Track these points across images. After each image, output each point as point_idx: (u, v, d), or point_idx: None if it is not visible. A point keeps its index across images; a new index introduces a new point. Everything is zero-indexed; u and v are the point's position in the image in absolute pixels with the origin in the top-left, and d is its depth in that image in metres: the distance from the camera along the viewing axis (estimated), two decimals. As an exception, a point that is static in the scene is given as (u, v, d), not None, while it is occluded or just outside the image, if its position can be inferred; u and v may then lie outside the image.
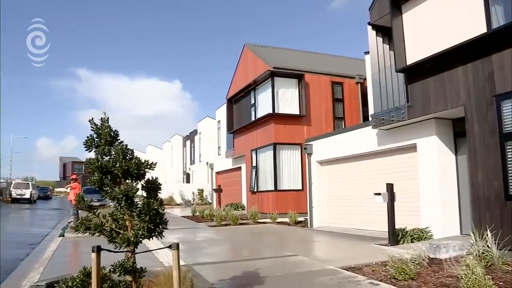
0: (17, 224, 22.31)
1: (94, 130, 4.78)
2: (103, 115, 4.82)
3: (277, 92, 20.55)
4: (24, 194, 44.31)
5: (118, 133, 4.84)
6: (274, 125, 20.21)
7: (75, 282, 4.32)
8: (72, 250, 11.65)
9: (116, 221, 4.69)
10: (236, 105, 25.74)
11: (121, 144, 4.75)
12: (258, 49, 23.46)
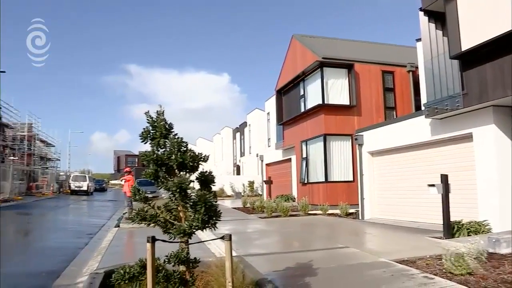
0: (76, 215, 23.35)
1: (150, 122, 4.89)
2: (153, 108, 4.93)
3: (327, 82, 20.34)
4: (81, 186, 46.24)
5: (173, 126, 4.93)
6: (324, 116, 20.04)
7: (132, 270, 4.48)
8: (127, 240, 12.06)
9: (170, 212, 4.81)
10: (285, 97, 25.69)
11: (176, 137, 4.84)
12: (306, 40, 23.26)
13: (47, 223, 18.73)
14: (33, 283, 6.97)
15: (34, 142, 50.96)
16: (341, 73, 20.59)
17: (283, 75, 25.45)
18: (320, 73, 20.34)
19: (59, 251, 10.51)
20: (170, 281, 4.52)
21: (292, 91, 24.43)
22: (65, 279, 7.13)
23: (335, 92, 20.43)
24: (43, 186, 45.27)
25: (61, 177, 55.64)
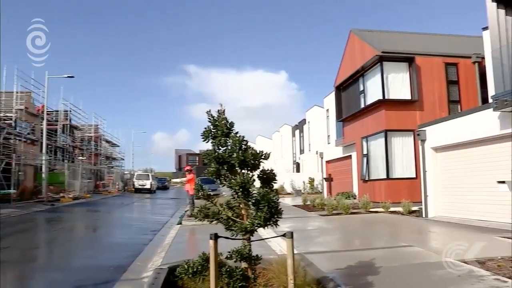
0: (140, 212, 24.18)
1: (211, 122, 4.97)
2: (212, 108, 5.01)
3: (387, 77, 19.86)
4: (145, 184, 47.78)
5: (234, 124, 4.98)
6: (385, 111, 19.59)
7: (195, 265, 4.58)
8: (190, 237, 12.33)
9: (232, 210, 4.88)
10: (344, 93, 25.33)
11: (237, 135, 4.89)
12: (365, 34, 22.81)
13: (114, 220, 19.53)
14: (103, 277, 7.28)
15: (100, 142, 53.30)
16: (402, 67, 20.02)
17: (341, 71, 25.09)
18: (379, 67, 19.89)
19: (125, 246, 10.94)
20: (233, 277, 4.58)
21: (351, 87, 24.05)
22: (131, 274, 7.41)
23: (395, 86, 19.90)
24: (109, 184, 47.26)
25: (126, 176, 57.80)
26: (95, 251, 10.68)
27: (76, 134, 46.43)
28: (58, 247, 11.54)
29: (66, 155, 40.66)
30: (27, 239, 12.98)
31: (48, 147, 33.57)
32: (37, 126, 34.47)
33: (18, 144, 30.67)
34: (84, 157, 45.68)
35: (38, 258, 10.15)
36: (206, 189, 4.91)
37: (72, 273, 7.92)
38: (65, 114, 40.94)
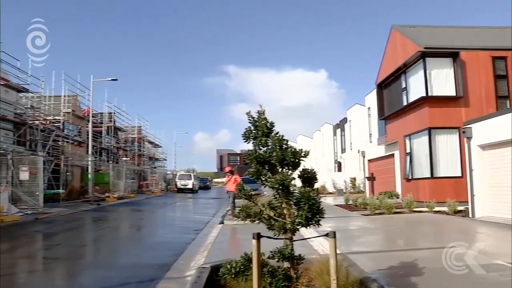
0: (183, 212, 24.57)
1: (251, 122, 5.00)
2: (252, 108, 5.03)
3: (430, 73, 19.39)
4: (187, 184, 48.44)
5: (274, 125, 5.00)
6: (428, 108, 19.13)
7: (238, 265, 4.62)
8: (232, 236, 12.42)
9: (274, 209, 4.88)
10: (386, 90, 24.91)
11: (277, 135, 4.90)
12: (406, 30, 22.34)
13: (157, 219, 19.92)
14: (147, 275, 7.44)
15: (143, 143, 54.48)
16: (445, 63, 19.49)
17: (383, 68, 24.68)
18: (422, 64, 19.45)
19: (169, 245, 11.14)
20: (275, 276, 4.59)
21: (393, 84, 23.62)
22: (175, 272, 7.54)
23: (439, 83, 19.39)
24: (152, 184, 48.20)
25: (168, 176, 58.79)
26: (139, 250, 10.94)
27: (120, 136, 47.63)
28: (105, 245, 11.89)
29: (110, 156, 41.77)
30: (75, 237, 13.43)
31: (94, 149, 34.58)
32: (83, 128, 35.60)
33: (66, 145, 31.79)
34: (128, 158, 46.79)
35: (86, 256, 10.49)
36: (248, 189, 4.94)
37: (118, 271, 8.14)
38: (109, 116, 42.08)
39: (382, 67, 24.87)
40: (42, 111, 30.66)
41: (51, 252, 10.69)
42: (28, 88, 27.42)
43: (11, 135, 25.78)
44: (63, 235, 13.51)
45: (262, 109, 5.01)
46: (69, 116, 33.53)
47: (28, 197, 19.56)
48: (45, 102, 31.54)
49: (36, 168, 20.22)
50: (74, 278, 7.98)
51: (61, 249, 11.01)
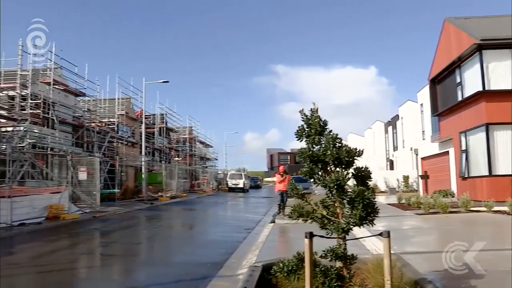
0: (234, 211, 24.79)
1: (304, 120, 4.98)
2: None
3: (487, 66, 18.58)
4: (238, 184, 48.86)
5: (327, 123, 4.95)
6: (485, 103, 18.35)
7: (290, 264, 4.61)
8: (283, 235, 12.41)
9: (326, 208, 4.84)
10: (439, 86, 24.12)
11: (331, 133, 4.85)
12: (461, 22, 21.51)
13: (209, 218, 20.21)
14: (200, 272, 7.57)
15: (194, 143, 55.47)
16: (504, 55, 18.61)
17: (436, 62, 23.92)
18: (478, 57, 18.67)
19: (220, 244, 11.28)
20: (328, 276, 4.54)
21: (447, 79, 22.83)
22: (227, 270, 7.62)
23: (497, 76, 18.54)
24: (203, 184, 48.93)
25: (219, 175, 59.49)
26: (192, 248, 11.14)
27: (172, 136, 48.71)
28: (158, 243, 12.18)
29: (163, 156, 42.77)
30: (130, 235, 13.86)
31: (147, 149, 35.51)
32: (137, 129, 36.69)
33: (120, 146, 32.86)
34: (179, 158, 47.75)
35: (141, 253, 10.79)
36: (300, 188, 4.91)
37: (172, 268, 8.33)
38: (161, 117, 43.09)
39: (435, 62, 24.10)
40: (98, 114, 31.89)
41: (108, 249, 11.08)
42: (85, 92, 28.62)
43: (70, 137, 26.93)
44: (119, 233, 13.96)
45: (315, 107, 4.97)
46: (123, 118, 34.69)
47: (86, 196, 20.35)
48: (100, 105, 32.80)
49: (93, 169, 20.99)
50: (130, 274, 8.24)
51: (117, 246, 11.38)
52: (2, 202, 13.80)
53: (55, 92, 24.99)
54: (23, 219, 14.30)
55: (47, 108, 23.96)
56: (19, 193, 15.49)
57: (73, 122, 27.60)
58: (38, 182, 19.55)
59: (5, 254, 10.08)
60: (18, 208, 14.27)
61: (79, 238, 12.93)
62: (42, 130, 23.18)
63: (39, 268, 8.47)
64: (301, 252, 4.57)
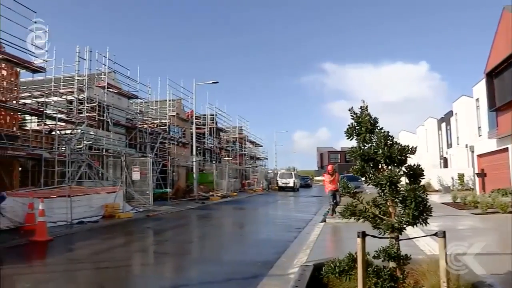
0: (284, 210, 24.75)
1: (354, 118, 4.90)
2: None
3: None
4: (288, 183, 48.74)
5: (377, 120, 4.85)
6: (548, 97, 17.45)
7: (342, 264, 4.54)
8: (334, 235, 12.27)
9: (378, 207, 4.74)
10: (497, 79, 23.12)
11: (382, 131, 4.76)
12: (521, 11, 20.53)
13: (259, 217, 20.28)
14: (251, 271, 7.60)
15: (244, 143, 55.89)
16: None
17: (493, 55, 22.95)
18: (540, 48, 17.80)
19: (271, 243, 11.29)
20: (380, 277, 4.45)
21: (505, 72, 21.84)
22: (278, 270, 7.61)
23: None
24: (253, 183, 49.21)
25: (269, 174, 59.60)
26: (243, 247, 11.22)
27: (222, 136, 49.27)
28: (210, 242, 12.34)
29: (213, 156, 43.35)
30: (182, 234, 14.11)
31: (197, 149, 36.05)
32: (187, 130, 37.38)
33: (171, 147, 33.57)
34: (230, 157, 48.25)
35: (193, 251, 10.97)
36: (352, 187, 4.84)
37: (223, 266, 8.42)
38: (211, 117, 43.65)
39: (491, 54, 23.13)
40: (150, 115, 32.77)
41: (161, 247, 11.34)
42: (137, 94, 29.46)
43: (124, 138, 27.80)
44: (171, 232, 14.25)
45: (365, 104, 4.88)
46: (174, 119, 35.44)
47: (139, 195, 20.93)
48: (152, 106, 33.67)
49: (146, 169, 21.55)
50: (182, 272, 8.39)
51: (169, 245, 11.63)
52: (63, 201, 14.44)
53: (109, 95, 25.88)
54: (82, 218, 14.92)
55: (102, 111, 24.87)
56: (78, 192, 16.16)
57: (127, 124, 28.47)
58: (94, 182, 20.31)
59: (66, 250, 10.63)
60: (77, 207, 14.89)
61: (133, 236, 13.31)
62: (97, 132, 24.07)
63: (96, 265, 8.80)
64: (353, 252, 4.50)
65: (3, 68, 19.07)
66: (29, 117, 22.34)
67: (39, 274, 8.02)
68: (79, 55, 23.39)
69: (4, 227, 12.43)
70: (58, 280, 7.42)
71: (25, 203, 13.28)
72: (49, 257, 10.09)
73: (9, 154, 16.62)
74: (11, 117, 19.20)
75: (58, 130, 21.50)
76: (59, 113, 21.80)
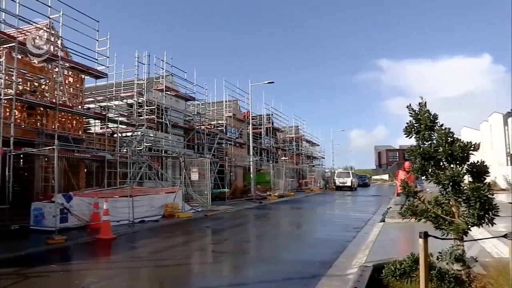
0: (342, 209, 24.43)
1: (412, 116, 4.75)
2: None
3: None
4: (345, 182, 48.19)
5: (437, 117, 4.67)
6: None
7: (403, 265, 4.41)
8: (394, 235, 11.97)
9: (440, 207, 4.57)
10: None
11: (442, 128, 4.58)
12: None
13: (317, 217, 20.12)
14: (309, 271, 7.55)
15: (301, 142, 55.74)
16: None
17: None
18: None
19: (329, 243, 11.18)
20: (444, 279, 4.29)
21: None
22: (336, 270, 7.52)
23: None
24: (310, 182, 48.93)
25: (326, 174, 59.04)
26: (301, 246, 11.17)
27: (278, 136, 49.30)
28: (267, 241, 12.38)
29: (270, 156, 43.47)
30: (240, 233, 14.24)
31: (254, 149, 36.26)
32: (244, 130, 37.71)
33: (228, 147, 33.99)
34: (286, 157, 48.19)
35: (251, 251, 11.04)
36: (413, 186, 4.69)
37: (281, 266, 8.42)
38: (268, 117, 43.77)
39: None
40: (207, 117, 33.34)
41: (220, 246, 11.50)
42: (194, 96, 30.06)
43: (182, 139, 28.45)
44: (229, 231, 14.42)
45: (423, 100, 4.72)
46: (230, 119, 35.88)
47: (198, 195, 21.33)
48: (209, 108, 34.23)
49: (204, 169, 21.93)
50: (241, 271, 8.46)
51: (228, 244, 11.77)
52: (125, 201, 14.98)
53: (168, 98, 26.58)
54: (143, 217, 15.40)
55: (161, 113, 25.55)
56: (139, 192, 16.69)
57: (184, 126, 29.13)
58: (154, 183, 20.90)
59: (129, 248, 11.02)
60: (138, 206, 15.38)
61: (192, 235, 13.57)
62: (157, 134, 24.76)
63: (157, 262, 9.06)
64: (414, 253, 4.36)
65: (70, 76, 20.10)
66: (93, 121, 23.34)
67: (105, 270, 8.37)
68: (138, 60, 24.19)
69: (73, 225, 13.12)
70: (122, 276, 7.70)
71: (91, 203, 13.94)
72: (114, 254, 10.48)
73: (75, 156, 17.43)
74: (77, 121, 20.18)
75: (119, 132, 22.30)
76: (120, 116, 22.60)
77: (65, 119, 19.32)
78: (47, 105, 17.34)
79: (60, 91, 18.26)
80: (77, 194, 14.47)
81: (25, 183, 17.39)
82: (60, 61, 17.96)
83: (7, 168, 14.41)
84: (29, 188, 16.79)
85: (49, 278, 7.71)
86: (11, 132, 14.95)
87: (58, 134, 16.69)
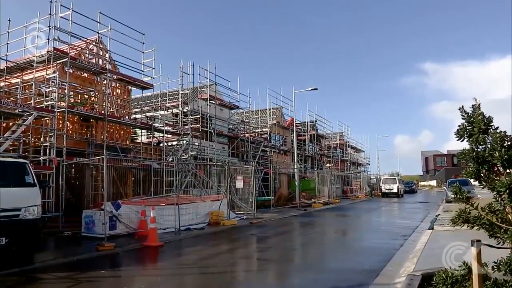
0: (388, 217, 23.90)
1: (465, 118, 4.58)
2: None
3: None
4: (392, 188, 47.27)
5: (492, 119, 4.48)
6: None
7: (455, 274, 4.23)
8: (443, 243, 11.54)
9: (494, 214, 4.36)
10: None
11: (498, 131, 4.38)
12: None
13: (363, 224, 19.78)
14: (356, 279, 7.43)
15: (345, 149, 55.08)
16: None
17: None
18: None
19: (375, 251, 10.94)
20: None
21: None
22: (384, 278, 7.35)
23: None
24: (356, 189, 48.23)
25: (372, 180, 58.09)
26: (347, 254, 10.99)
27: (323, 143, 48.92)
28: (313, 249, 12.26)
29: (314, 163, 43.17)
30: (285, 241, 14.17)
31: (299, 156, 36.13)
32: (288, 137, 37.66)
33: (273, 155, 34.00)
34: (331, 164, 47.74)
35: (296, 259, 10.95)
36: (465, 191, 4.49)
37: (328, 274, 8.31)
38: (312, 124, 43.56)
39: None
40: (251, 125, 33.52)
41: (265, 254, 11.46)
42: (238, 105, 30.30)
43: (226, 148, 28.72)
44: (274, 239, 14.37)
45: (477, 102, 4.53)
46: (274, 127, 35.92)
47: (243, 203, 21.41)
48: (253, 116, 34.43)
49: (248, 177, 21.99)
50: (286, 279, 8.40)
51: (273, 251, 11.72)
52: (171, 209, 15.23)
53: (212, 106, 26.91)
54: (189, 224, 15.61)
55: (206, 122, 25.92)
56: (185, 200, 16.93)
57: (229, 134, 29.41)
58: (199, 191, 21.15)
59: (176, 255, 11.18)
60: (184, 214, 15.60)
61: (238, 243, 13.62)
62: (202, 142, 25.11)
63: (204, 269, 9.14)
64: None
65: (117, 87, 20.75)
66: (139, 130, 23.93)
67: (152, 276, 8.53)
68: (182, 70, 24.67)
69: (121, 232, 13.44)
70: (169, 283, 7.82)
71: (138, 211, 14.25)
72: (160, 261, 10.65)
73: (124, 166, 17.91)
74: (124, 131, 20.78)
75: (165, 141, 22.74)
76: (166, 126, 23.08)
77: (113, 130, 19.93)
78: (97, 116, 17.94)
79: (108, 103, 18.86)
80: (125, 202, 14.83)
81: (76, 192, 18.03)
82: (108, 73, 18.62)
83: (61, 177, 15.07)
84: (80, 196, 17.38)
85: (100, 283, 7.97)
86: (64, 143, 15.57)
87: (107, 144, 17.22)
